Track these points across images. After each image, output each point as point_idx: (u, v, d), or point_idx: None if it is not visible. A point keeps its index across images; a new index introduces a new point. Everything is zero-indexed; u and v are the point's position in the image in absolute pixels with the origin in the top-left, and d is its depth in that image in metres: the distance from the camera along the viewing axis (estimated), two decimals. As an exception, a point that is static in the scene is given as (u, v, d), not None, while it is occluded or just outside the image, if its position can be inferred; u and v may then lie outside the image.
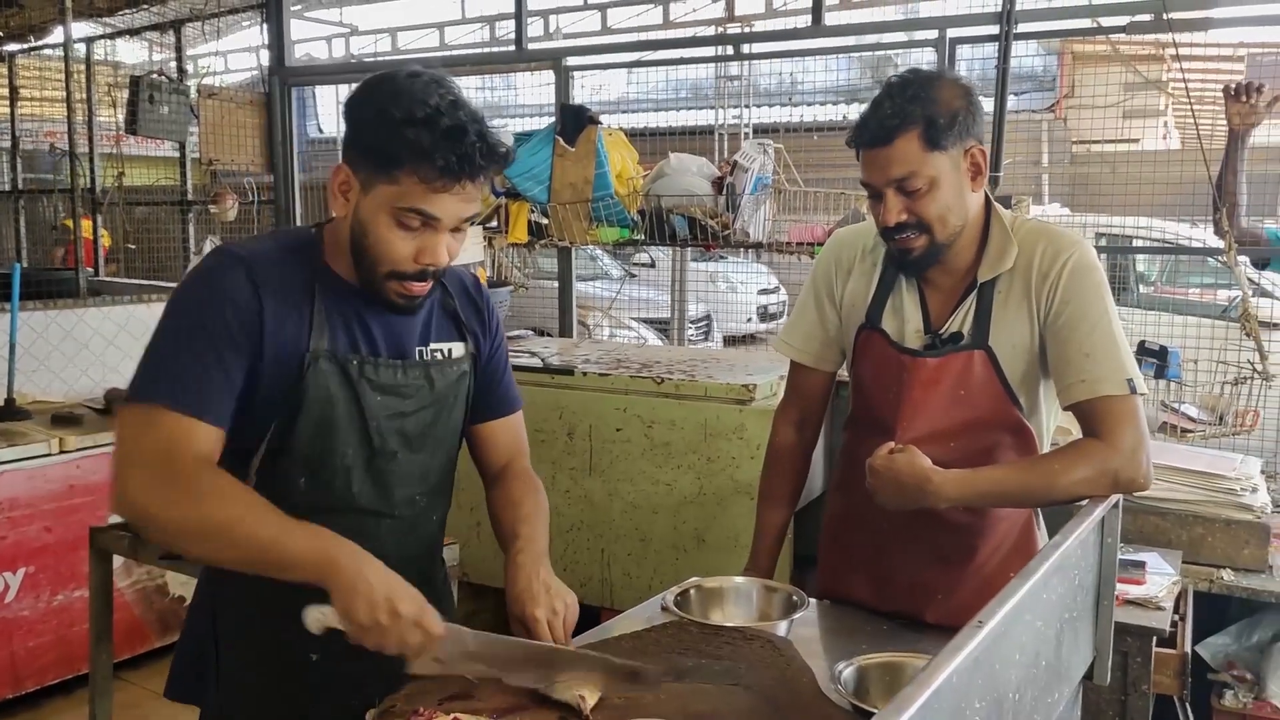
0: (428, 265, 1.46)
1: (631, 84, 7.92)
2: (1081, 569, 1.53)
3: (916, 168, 1.68)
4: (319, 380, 1.49)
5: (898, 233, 1.73)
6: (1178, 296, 6.41)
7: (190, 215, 6.04)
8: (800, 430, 2.05)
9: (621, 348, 4.29)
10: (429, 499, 1.65)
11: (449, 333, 1.65)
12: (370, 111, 1.43)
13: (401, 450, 1.58)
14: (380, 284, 1.49)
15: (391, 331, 1.57)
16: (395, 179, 1.41)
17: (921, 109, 1.66)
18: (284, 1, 5.45)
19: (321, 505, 1.51)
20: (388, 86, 1.43)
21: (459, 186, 1.41)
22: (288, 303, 1.47)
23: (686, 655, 1.50)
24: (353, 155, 1.45)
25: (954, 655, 0.99)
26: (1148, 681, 2.18)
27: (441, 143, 1.38)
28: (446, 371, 1.61)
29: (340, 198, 1.48)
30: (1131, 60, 6.35)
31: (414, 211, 1.42)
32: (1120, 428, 1.64)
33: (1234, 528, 2.63)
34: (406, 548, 1.61)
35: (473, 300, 1.71)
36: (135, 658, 3.79)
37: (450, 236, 1.47)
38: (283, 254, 1.52)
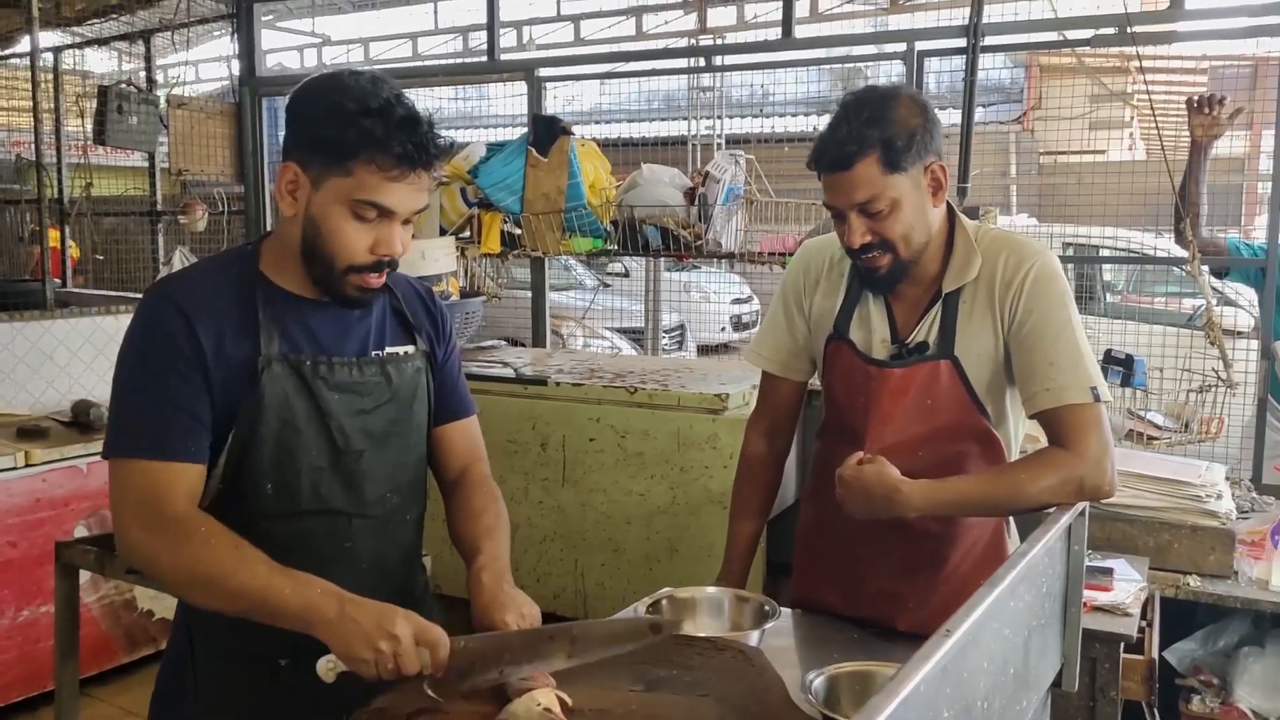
0: (383, 256, 1.48)
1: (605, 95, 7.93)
2: (1049, 576, 1.55)
3: (878, 191, 1.69)
4: (274, 384, 1.49)
5: (863, 253, 1.75)
6: (1144, 305, 6.50)
7: (160, 226, 5.99)
8: (772, 440, 2.06)
9: (595, 357, 4.29)
10: (401, 498, 1.64)
11: (400, 336, 1.65)
12: (320, 107, 1.44)
13: (369, 448, 1.57)
14: (338, 280, 1.49)
15: (341, 336, 1.57)
16: (350, 171, 1.43)
17: (879, 132, 1.67)
18: (255, 11, 5.43)
19: (290, 510, 1.52)
20: (334, 83, 1.46)
21: (414, 175, 1.45)
22: (224, 321, 1.48)
23: (658, 666, 1.50)
24: (301, 152, 1.46)
25: (922, 664, 0.99)
26: (1116, 688, 2.20)
27: (397, 132, 1.41)
28: (403, 368, 1.62)
29: (288, 197, 1.49)
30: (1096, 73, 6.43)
31: (369, 204, 1.44)
32: (1085, 436, 1.66)
33: (1200, 534, 2.66)
34: (381, 549, 1.61)
35: (424, 304, 1.72)
36: (103, 673, 3.74)
37: (401, 228, 1.49)
38: (214, 275, 1.54)
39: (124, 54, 7.15)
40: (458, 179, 4.16)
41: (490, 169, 4.04)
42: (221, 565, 1.37)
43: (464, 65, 8.80)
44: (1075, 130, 7.36)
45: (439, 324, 1.73)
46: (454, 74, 6.01)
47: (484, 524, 1.65)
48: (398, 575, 1.67)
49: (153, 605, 3.87)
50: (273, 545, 1.43)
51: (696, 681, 1.45)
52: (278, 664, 1.53)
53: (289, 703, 1.54)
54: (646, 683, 1.46)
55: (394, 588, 1.63)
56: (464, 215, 4.15)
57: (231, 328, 1.49)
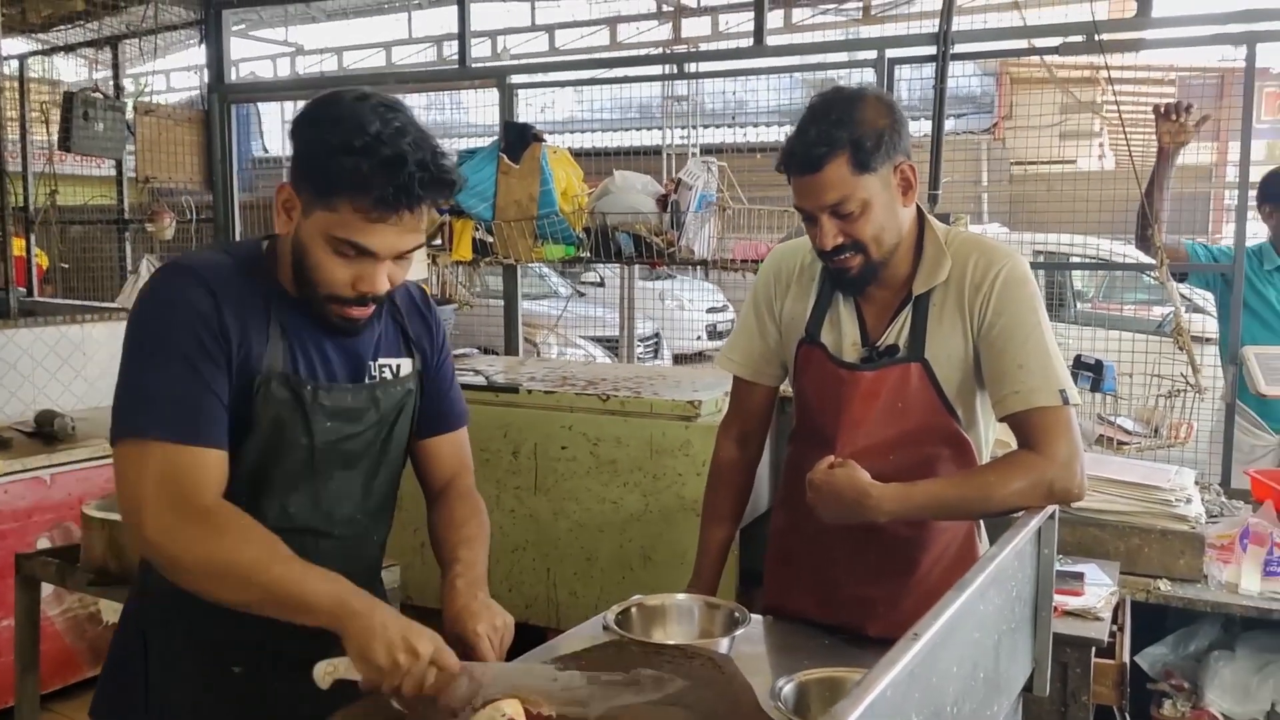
0: (365, 293, 1.44)
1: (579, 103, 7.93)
2: (1019, 580, 1.54)
3: (848, 192, 1.69)
4: (269, 402, 1.45)
5: (835, 255, 1.74)
6: (1113, 312, 6.55)
7: (127, 234, 5.92)
8: (743, 446, 2.05)
9: (567, 365, 4.27)
10: (370, 518, 1.62)
11: (398, 348, 1.62)
12: (313, 134, 1.40)
13: (340, 472, 1.55)
14: (320, 305, 1.46)
15: (346, 349, 1.54)
16: (333, 207, 1.38)
17: (847, 133, 1.67)
18: (224, 18, 5.38)
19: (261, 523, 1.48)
20: (331, 110, 1.39)
21: (396, 217, 1.38)
22: (245, 318, 1.44)
23: (614, 673, 1.48)
24: (296, 176, 1.43)
25: (889, 668, 0.98)
26: (1087, 692, 2.20)
27: (379, 172, 1.34)
28: (391, 392, 1.59)
29: (284, 215, 1.45)
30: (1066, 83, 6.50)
31: (348, 243, 1.39)
32: (1054, 439, 1.66)
33: (1170, 538, 2.67)
34: (345, 567, 1.57)
35: (421, 314, 1.69)
36: (66, 688, 3.67)
37: (392, 264, 1.44)
38: (237, 267, 1.48)
39: (92, 61, 7.08)
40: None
41: (462, 176, 4.02)
42: (258, 559, 1.33)
43: (435, 72, 8.78)
44: (1046, 140, 7.43)
45: (434, 332, 1.69)
46: (425, 80, 5.99)
47: (464, 533, 1.62)
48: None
49: (117, 618, 3.80)
50: None
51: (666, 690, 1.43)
52: (231, 670, 1.51)
53: (242, 709, 1.52)
54: (626, 682, 1.44)
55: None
56: (435, 222, 4.13)
57: (252, 326, 1.44)
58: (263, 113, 11.41)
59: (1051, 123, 7.42)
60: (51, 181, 5.88)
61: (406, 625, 1.31)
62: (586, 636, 1.74)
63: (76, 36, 6.35)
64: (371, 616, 1.30)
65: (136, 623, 1.58)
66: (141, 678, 1.54)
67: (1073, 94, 6.41)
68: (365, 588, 1.63)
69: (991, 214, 9.28)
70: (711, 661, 1.52)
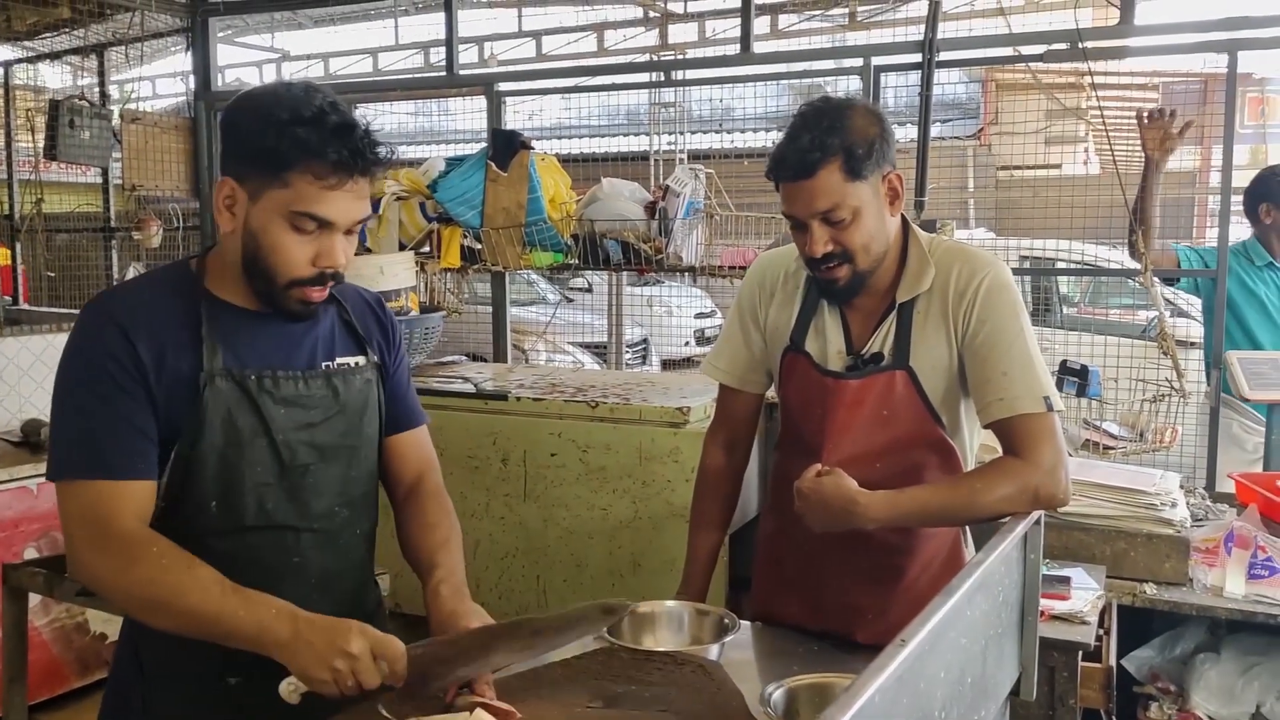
0: (326, 268, 1.46)
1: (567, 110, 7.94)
2: (1005, 585, 1.56)
3: (840, 199, 1.70)
4: (217, 399, 1.47)
5: (823, 263, 1.75)
6: (1099, 317, 6.60)
7: (114, 242, 5.90)
8: (730, 452, 2.06)
9: (556, 372, 4.28)
10: (351, 511, 1.62)
11: (350, 347, 1.64)
12: (254, 118, 1.43)
13: (315, 462, 1.56)
14: (280, 295, 1.47)
15: (288, 349, 1.55)
16: (287, 181, 1.41)
17: (840, 140, 1.69)
18: (210, 25, 5.38)
19: (235, 525, 1.50)
20: (267, 95, 1.45)
21: (351, 182, 1.42)
22: (165, 336, 1.46)
23: (616, 682, 1.49)
24: (237, 166, 1.45)
25: (877, 674, 0.99)
26: (1074, 696, 2.22)
27: (332, 139, 1.39)
28: (351, 380, 1.60)
29: (226, 212, 1.47)
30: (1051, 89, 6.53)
31: (308, 215, 1.42)
32: (1039, 445, 1.68)
33: (1155, 542, 2.68)
34: (330, 563, 1.59)
35: (374, 314, 1.70)
36: (54, 699, 3.66)
37: (344, 239, 1.47)
38: (154, 290, 1.53)
39: (79, 69, 7.05)
40: (417, 194, 4.14)
41: (449, 184, 4.02)
42: (173, 586, 1.35)
43: (423, 80, 8.78)
44: (1032, 146, 7.46)
45: (389, 333, 1.71)
46: (413, 88, 5.99)
47: (439, 536, 1.63)
48: (348, 590, 1.65)
49: (105, 628, 3.79)
50: (218, 561, 1.41)
51: (656, 696, 1.44)
52: (227, 682, 1.51)
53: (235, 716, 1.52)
54: (605, 699, 1.45)
55: (344, 602, 1.61)
56: (423, 230, 4.13)
57: (173, 343, 1.46)
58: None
59: (1037, 128, 7.46)
60: (37, 190, 5.86)
61: (333, 630, 1.32)
62: (576, 644, 1.74)
63: (62, 44, 6.33)
64: (295, 635, 1.32)
65: (131, 639, 1.59)
66: (139, 693, 1.55)
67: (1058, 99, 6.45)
68: (355, 589, 1.65)
69: (978, 219, 9.33)
70: (701, 668, 1.53)
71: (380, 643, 1.33)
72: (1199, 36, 3.33)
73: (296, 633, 1.32)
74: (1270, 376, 3.12)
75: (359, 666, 1.31)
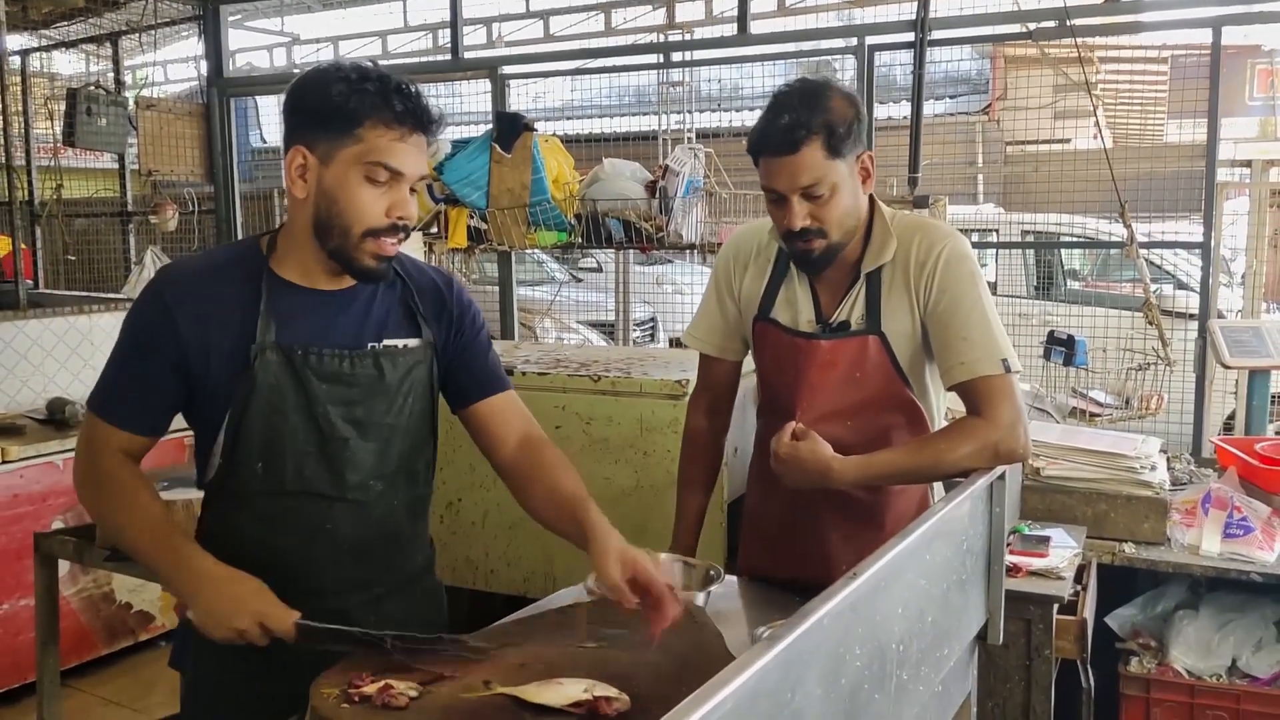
0: (399, 219, 1.58)
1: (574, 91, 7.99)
2: (970, 536, 1.67)
3: (821, 175, 1.80)
4: (266, 370, 1.59)
5: (800, 237, 1.85)
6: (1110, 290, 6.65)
7: (131, 226, 6.03)
8: (712, 417, 2.18)
9: (561, 348, 4.38)
10: (385, 485, 1.70)
11: (404, 329, 1.71)
12: (322, 85, 1.55)
13: (353, 438, 1.65)
14: (355, 249, 1.58)
15: (343, 325, 1.66)
16: (359, 137, 1.54)
17: (823, 119, 1.79)
18: (221, 12, 5.48)
19: (276, 489, 1.63)
20: (328, 69, 1.58)
21: (415, 136, 1.56)
22: (220, 310, 1.59)
23: (607, 625, 1.61)
24: (306, 134, 1.57)
25: (827, 600, 1.11)
26: (1050, 647, 2.33)
27: (395, 94, 1.54)
28: (399, 362, 1.68)
29: (299, 181, 1.58)
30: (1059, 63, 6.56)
31: (380, 165, 1.54)
32: (998, 404, 1.79)
33: (1134, 503, 2.79)
34: (361, 533, 1.70)
35: (438, 296, 1.77)
36: (82, 665, 3.81)
37: (410, 197, 1.60)
38: (218, 265, 1.67)
39: (92, 55, 7.18)
40: (424, 176, 4.24)
41: (455, 165, 4.13)
42: (120, 520, 1.60)
43: (427, 64, 8.86)
44: (1041, 120, 7.49)
45: (454, 313, 1.78)
46: (418, 72, 6.07)
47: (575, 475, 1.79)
48: (378, 559, 1.73)
49: (131, 598, 3.94)
50: (261, 520, 1.60)
51: (643, 638, 1.56)
52: None
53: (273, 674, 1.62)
54: (598, 640, 1.57)
55: (374, 570, 1.72)
56: (431, 211, 4.24)
57: (228, 316, 1.60)
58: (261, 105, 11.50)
59: (1046, 102, 7.48)
60: (56, 176, 5.99)
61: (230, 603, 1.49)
62: (570, 598, 1.87)
63: (76, 32, 6.45)
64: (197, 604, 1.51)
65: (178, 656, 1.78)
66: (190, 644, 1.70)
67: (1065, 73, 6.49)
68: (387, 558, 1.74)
69: (986, 194, 9.36)
70: (687, 613, 1.64)
71: (270, 618, 1.48)
72: (1184, 13, 3.41)
73: (198, 594, 1.51)
74: (1251, 344, 3.21)
75: (249, 636, 1.48)
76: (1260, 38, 10.50)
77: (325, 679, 1.42)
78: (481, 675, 1.42)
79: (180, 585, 1.54)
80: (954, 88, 11.64)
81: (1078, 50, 3.41)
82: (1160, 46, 8.15)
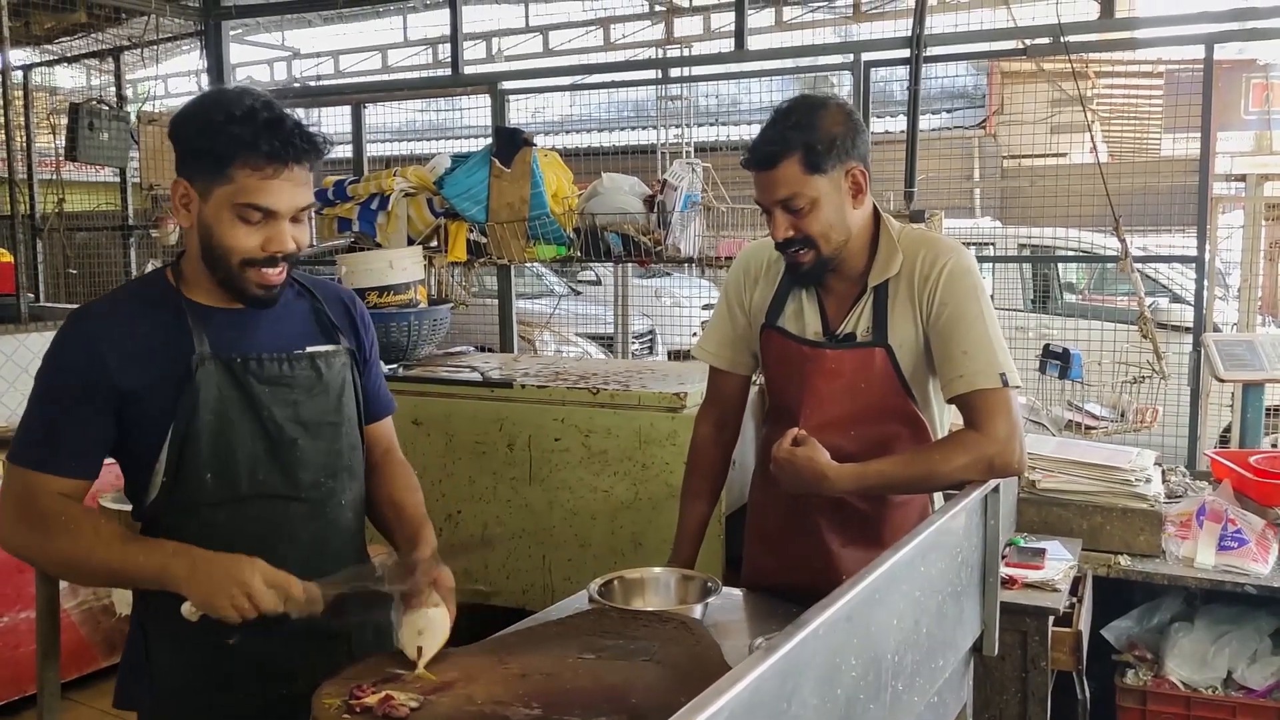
0: (276, 253, 1.60)
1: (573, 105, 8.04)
2: (965, 547, 1.68)
3: (798, 189, 1.85)
4: (208, 380, 1.62)
5: (788, 247, 1.90)
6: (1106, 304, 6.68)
7: (132, 240, 6.06)
8: (719, 429, 2.20)
9: (560, 361, 4.41)
10: (335, 482, 1.75)
11: (323, 338, 1.78)
12: (194, 122, 1.58)
13: (302, 437, 1.69)
14: (238, 278, 1.61)
15: (268, 337, 1.69)
16: (229, 176, 1.55)
17: (802, 136, 1.83)
18: (223, 27, 5.52)
19: (230, 496, 1.64)
20: (205, 100, 1.61)
21: (287, 171, 1.56)
22: (143, 339, 1.61)
23: (605, 637, 1.62)
24: (187, 168, 1.60)
25: (823, 611, 1.12)
26: (1046, 658, 2.35)
27: (264, 132, 1.54)
28: (332, 363, 1.75)
29: (183, 210, 1.62)
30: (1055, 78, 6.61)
31: (251, 206, 1.56)
32: (995, 418, 1.81)
33: (1130, 516, 2.81)
34: (318, 530, 1.73)
35: (346, 310, 1.85)
36: (82, 678, 3.81)
37: (292, 226, 1.61)
38: (132, 297, 1.70)
39: (93, 70, 7.21)
40: (424, 190, 4.27)
41: (455, 180, 4.16)
42: (80, 548, 1.55)
43: (427, 80, 8.91)
44: (1038, 134, 7.52)
45: (360, 329, 1.85)
46: (418, 88, 6.12)
47: (419, 496, 1.84)
48: (339, 555, 1.76)
49: (130, 610, 3.94)
50: (215, 530, 1.59)
51: (640, 649, 1.58)
52: (226, 643, 1.61)
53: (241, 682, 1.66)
54: (595, 652, 1.58)
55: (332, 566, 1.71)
56: (431, 225, 4.27)
57: (153, 343, 1.61)
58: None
59: (1041, 117, 7.52)
60: (58, 189, 6.02)
61: (230, 564, 1.49)
62: (571, 608, 1.88)
63: (79, 46, 6.49)
64: (193, 574, 1.49)
65: (138, 615, 1.74)
66: (145, 664, 1.70)
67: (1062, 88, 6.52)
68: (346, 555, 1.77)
69: (984, 208, 9.41)
70: (684, 625, 1.67)
71: (274, 575, 1.49)
72: (1176, 30, 3.44)
73: (194, 568, 1.49)
74: (1245, 358, 3.23)
75: (254, 593, 1.47)
76: (1256, 52, 10.56)
77: (327, 689, 1.44)
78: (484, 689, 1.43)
79: (175, 570, 1.50)
80: (951, 102, 11.70)
81: (1072, 65, 3.45)
82: (1155, 61, 8.21)
